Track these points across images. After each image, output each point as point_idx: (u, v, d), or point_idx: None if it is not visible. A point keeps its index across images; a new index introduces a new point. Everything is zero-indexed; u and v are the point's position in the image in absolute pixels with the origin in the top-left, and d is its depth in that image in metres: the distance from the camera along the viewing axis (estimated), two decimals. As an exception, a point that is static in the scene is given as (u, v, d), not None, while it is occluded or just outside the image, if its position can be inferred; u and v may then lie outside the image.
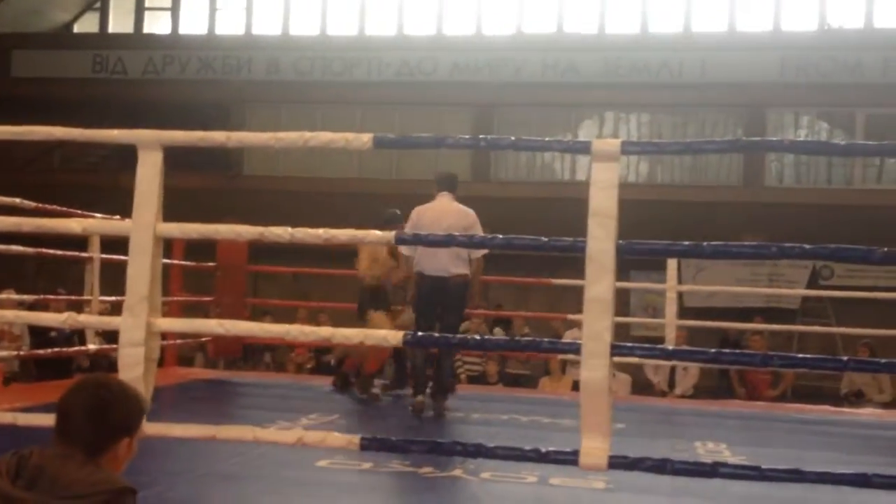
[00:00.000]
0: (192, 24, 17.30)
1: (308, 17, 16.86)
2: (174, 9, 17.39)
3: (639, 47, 15.59)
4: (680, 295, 7.94)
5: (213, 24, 17.25)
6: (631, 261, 9.88)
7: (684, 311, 12.42)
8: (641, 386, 9.35)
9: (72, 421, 1.86)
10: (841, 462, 4.45)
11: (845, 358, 2.76)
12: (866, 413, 7.28)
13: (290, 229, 3.34)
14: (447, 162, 15.67)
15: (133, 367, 3.31)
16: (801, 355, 3.47)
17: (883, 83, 14.70)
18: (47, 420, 1.98)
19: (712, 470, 2.95)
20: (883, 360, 2.88)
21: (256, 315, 10.48)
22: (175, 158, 3.67)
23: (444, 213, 5.83)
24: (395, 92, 16.02)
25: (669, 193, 15.04)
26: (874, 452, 5.10)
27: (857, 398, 9.10)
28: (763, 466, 2.94)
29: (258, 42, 16.83)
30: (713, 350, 2.90)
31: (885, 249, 2.75)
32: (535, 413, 6.03)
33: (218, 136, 3.68)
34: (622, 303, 12.10)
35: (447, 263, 5.76)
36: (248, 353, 10.46)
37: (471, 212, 5.91)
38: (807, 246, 2.90)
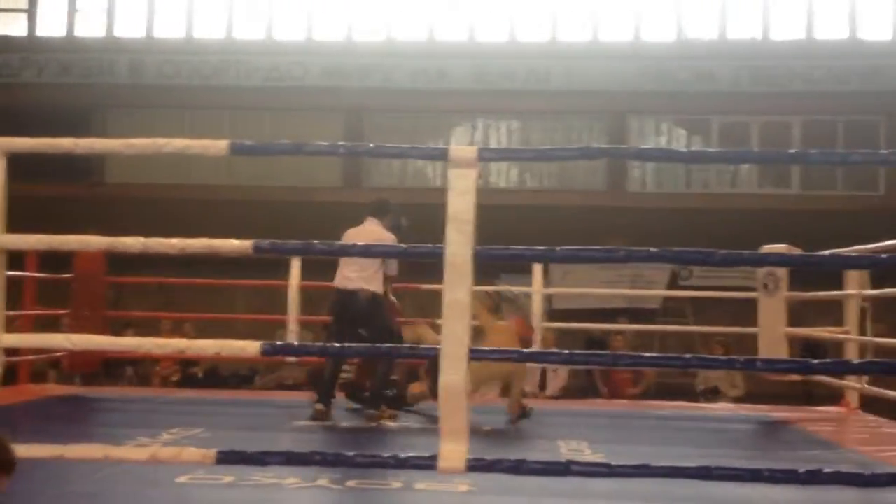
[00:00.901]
0: (51, 25, 16.61)
1: (173, 19, 16.44)
2: (31, 10, 16.65)
3: (507, 55, 15.89)
4: (549, 297, 8.12)
5: (73, 26, 16.60)
6: (501, 265, 10.05)
7: (553, 313, 12.75)
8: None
9: None
10: (694, 456, 4.61)
11: (688, 356, 2.88)
12: (720, 408, 7.61)
13: (142, 239, 3.25)
14: (319, 168, 15.59)
15: (-27, 386, 3.15)
16: (647, 354, 3.61)
17: (735, 91, 15.45)
18: None
19: (565, 468, 3.03)
20: (723, 357, 3.02)
21: (119, 328, 10.15)
22: (34, 167, 3.53)
23: (358, 234, 6.18)
24: (265, 97, 15.81)
25: (539, 198, 15.39)
26: (726, 445, 5.34)
27: (712, 394, 9.53)
28: (613, 463, 3.04)
29: (121, 45, 16.30)
30: (566, 351, 2.99)
31: (724, 252, 2.89)
32: (404, 419, 6.05)
33: (65, 143, 3.55)
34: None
35: (353, 279, 6.13)
36: (109, 368, 10.10)
37: (386, 236, 6.15)
38: (653, 249, 3.02)
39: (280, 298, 7.95)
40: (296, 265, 7.56)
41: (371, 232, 6.16)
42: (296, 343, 6.39)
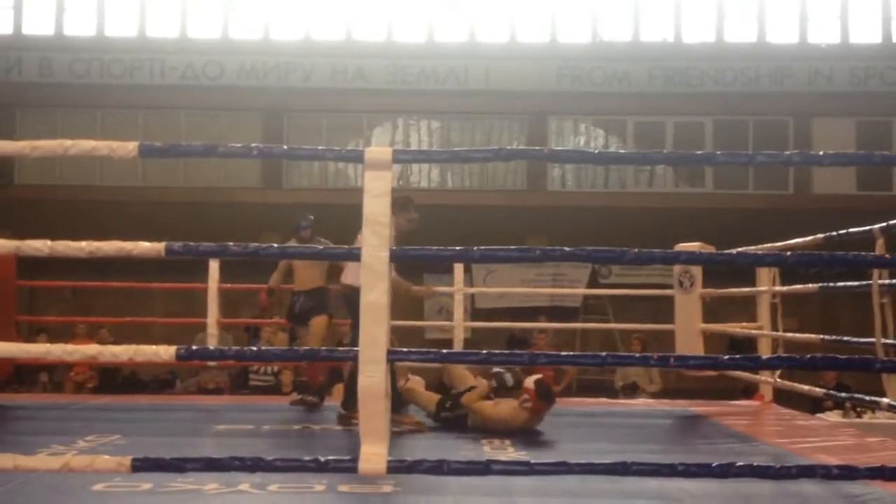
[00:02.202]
0: (-46, 22, 16.05)
1: (83, 16, 16.02)
2: (-68, 5, 16.07)
3: (426, 55, 15.92)
4: (471, 297, 8.16)
5: (-22, 23, 16.07)
6: (423, 265, 10.06)
7: (476, 313, 12.84)
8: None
9: None
10: (614, 451, 4.71)
11: (604, 354, 2.93)
12: (640, 403, 7.75)
13: (49, 242, 3.15)
14: (238, 169, 15.37)
15: None
16: (566, 353, 3.67)
17: (649, 92, 15.77)
18: None
19: (486, 468, 3.05)
20: (639, 355, 3.07)
21: (32, 333, 9.86)
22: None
23: None
24: (181, 96, 15.54)
25: (460, 198, 15.46)
26: (645, 440, 5.43)
27: (632, 390, 9.71)
28: (532, 461, 3.07)
29: (29, 42, 15.83)
30: (484, 351, 3.00)
31: (637, 250, 2.95)
32: (329, 421, 6.01)
33: (-33, 145, 3.43)
34: (417, 306, 12.31)
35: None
36: (22, 374, 9.81)
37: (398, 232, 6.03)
38: (567, 248, 3.06)
39: (199, 301, 7.83)
40: (214, 267, 7.46)
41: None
42: (212, 347, 6.26)
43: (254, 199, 15.00)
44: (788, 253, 3.93)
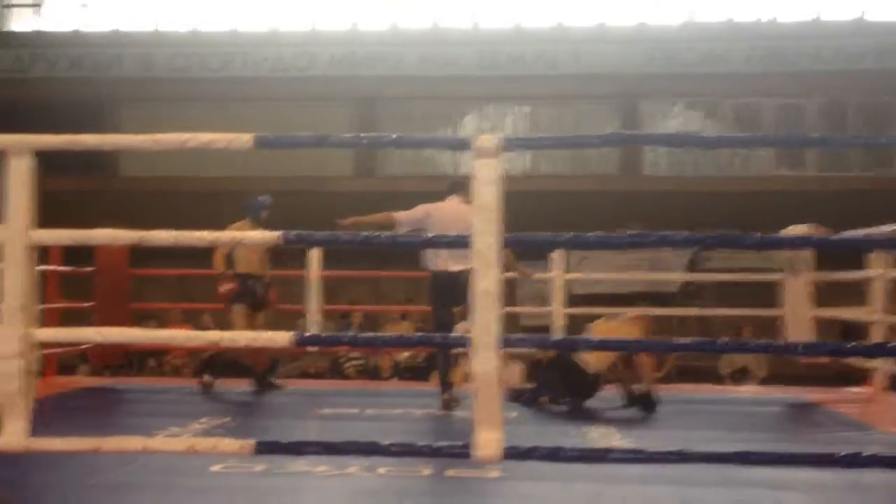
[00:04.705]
0: (59, 20, 16.63)
1: (180, 13, 16.44)
2: (39, 5, 16.68)
3: (514, 40, 15.84)
4: (567, 283, 8.12)
5: (81, 21, 16.62)
6: (517, 251, 10.04)
7: (571, 299, 12.71)
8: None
9: None
10: (725, 440, 4.64)
11: (720, 340, 2.88)
12: (747, 390, 7.60)
13: (173, 232, 3.26)
14: (330, 157, 15.58)
15: (11, 380, 3.18)
16: (679, 340, 3.60)
17: (747, 73, 15.37)
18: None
19: (602, 455, 3.04)
20: (761, 342, 3.01)
21: (139, 319, 10.17)
22: (46, 161, 3.53)
23: (441, 210, 6.02)
24: (272, 88, 15.82)
25: (551, 184, 15.34)
26: (755, 428, 5.33)
27: (741, 375, 9.49)
28: (649, 449, 3.04)
29: (129, 39, 16.31)
30: (598, 339, 2.98)
31: (759, 235, 2.88)
32: (430, 406, 6.06)
33: (91, 140, 3.55)
34: (511, 293, 12.30)
35: (454, 260, 5.85)
36: (132, 359, 10.17)
37: None
38: (685, 233, 3.01)
39: (297, 288, 7.97)
40: (315, 255, 7.57)
41: (458, 209, 5.91)
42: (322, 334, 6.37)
43: (347, 188, 15.18)
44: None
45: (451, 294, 5.81)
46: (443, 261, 5.89)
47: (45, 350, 6.70)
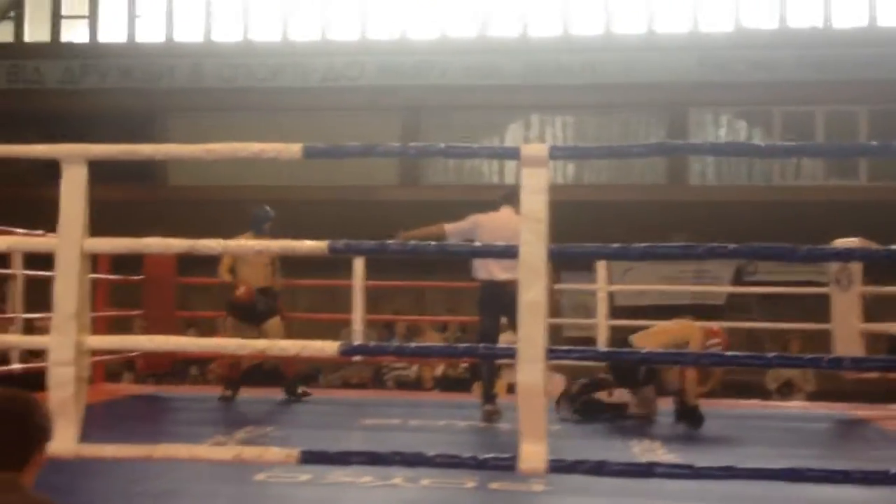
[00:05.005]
0: (111, 31, 16.94)
1: (230, 23, 16.65)
2: (92, 16, 17.00)
3: (561, 49, 15.78)
4: (610, 294, 8.05)
5: (133, 32, 16.91)
6: (561, 262, 9.99)
7: (615, 310, 12.59)
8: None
9: None
10: (772, 456, 4.56)
11: (770, 355, 2.83)
12: (794, 405, 7.48)
13: (222, 241, 3.30)
14: (376, 166, 15.65)
15: (63, 387, 3.23)
16: (728, 353, 3.54)
17: (797, 81, 15.14)
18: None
19: (648, 470, 3.00)
20: (807, 356, 2.95)
21: (181, 327, 10.28)
22: (94, 170, 3.58)
23: (494, 221, 6.00)
24: (322, 97, 15.92)
25: (596, 193, 15.24)
26: (803, 444, 5.24)
27: (787, 389, 9.33)
28: (697, 465, 3.00)
29: (180, 49, 16.55)
30: (644, 350, 2.95)
31: (808, 247, 2.83)
32: (473, 418, 6.05)
33: (145, 149, 3.62)
34: (554, 304, 12.23)
35: (502, 270, 5.80)
36: (175, 367, 10.29)
37: None
38: (731, 245, 2.97)
39: (341, 297, 8.00)
40: (359, 264, 7.59)
41: (509, 219, 5.80)
42: (369, 343, 6.37)
43: (392, 196, 15.24)
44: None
45: (498, 304, 5.78)
46: (491, 270, 5.88)
47: (93, 357, 6.80)
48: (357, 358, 9.17)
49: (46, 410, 2.00)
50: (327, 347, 3.27)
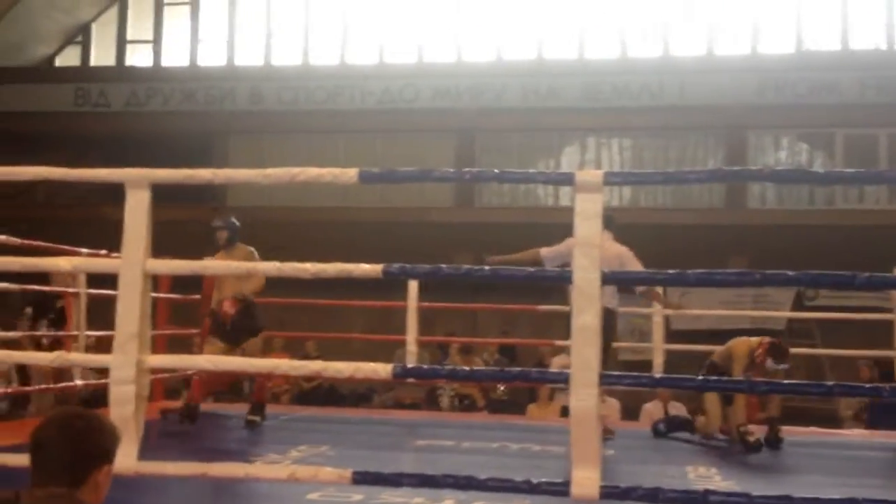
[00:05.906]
0: (175, 56, 17.36)
1: (290, 47, 16.94)
2: (156, 41, 17.45)
3: (619, 71, 15.72)
4: (666, 318, 7.97)
5: (195, 56, 17.30)
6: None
7: (671, 335, 12.43)
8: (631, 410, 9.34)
9: (48, 453, 1.89)
10: (831, 485, 4.47)
11: (830, 383, 2.79)
12: (854, 434, 7.31)
13: (277, 264, 3.36)
14: (431, 188, 15.74)
15: (124, 405, 3.31)
16: (786, 381, 3.50)
17: (860, 104, 14.88)
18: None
19: (703, 499, 2.97)
20: (868, 385, 2.89)
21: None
22: (156, 190, 3.67)
23: (604, 247, 5.96)
24: (378, 120, 16.08)
25: (653, 217, 15.11)
26: (863, 474, 5.12)
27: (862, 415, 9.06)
28: (753, 493, 2.96)
29: (240, 73, 16.88)
30: (700, 377, 2.92)
31: (867, 275, 2.79)
32: (525, 440, 6.02)
33: (204, 174, 3.70)
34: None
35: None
36: (233, 385, 10.41)
37: (624, 249, 5.88)
38: (789, 272, 2.94)
39: (394, 318, 8.04)
40: (413, 286, 7.62)
41: (607, 244, 5.62)
42: (423, 366, 6.38)
43: (446, 219, 15.29)
44: None
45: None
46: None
47: (154, 375, 6.93)
48: (410, 379, 9.20)
49: (112, 431, 2.00)
50: (380, 370, 3.30)
